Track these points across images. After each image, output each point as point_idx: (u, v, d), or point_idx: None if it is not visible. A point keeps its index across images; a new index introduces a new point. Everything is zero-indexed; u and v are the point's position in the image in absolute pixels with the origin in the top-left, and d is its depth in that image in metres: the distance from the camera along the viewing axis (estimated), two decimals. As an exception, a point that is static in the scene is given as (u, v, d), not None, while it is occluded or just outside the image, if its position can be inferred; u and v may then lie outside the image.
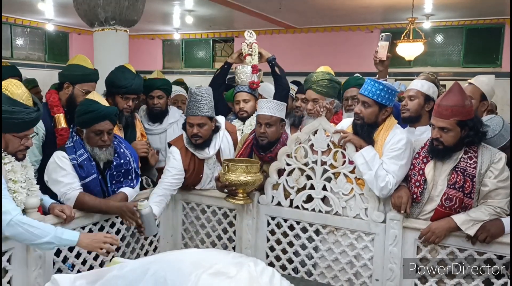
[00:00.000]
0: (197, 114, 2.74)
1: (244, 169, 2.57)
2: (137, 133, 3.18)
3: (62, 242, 2.03)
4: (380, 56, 2.83)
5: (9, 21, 9.20)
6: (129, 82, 3.00)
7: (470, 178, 2.26)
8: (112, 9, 4.39)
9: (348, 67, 8.03)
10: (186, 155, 2.86)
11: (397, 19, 8.41)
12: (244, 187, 2.62)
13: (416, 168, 2.42)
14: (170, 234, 3.08)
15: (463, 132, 2.26)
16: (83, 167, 2.48)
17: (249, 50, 3.42)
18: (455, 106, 2.24)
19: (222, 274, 1.71)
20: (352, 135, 2.51)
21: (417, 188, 2.39)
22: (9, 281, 2.10)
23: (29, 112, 2.05)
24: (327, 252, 2.64)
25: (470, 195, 2.26)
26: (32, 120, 2.09)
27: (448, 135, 2.28)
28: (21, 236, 1.94)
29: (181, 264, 1.74)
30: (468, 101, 2.27)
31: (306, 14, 8.14)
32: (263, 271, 1.83)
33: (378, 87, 2.42)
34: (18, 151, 2.10)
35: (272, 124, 2.73)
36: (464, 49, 8.64)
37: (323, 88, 2.95)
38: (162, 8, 7.91)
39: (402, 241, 2.42)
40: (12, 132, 2.04)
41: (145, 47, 11.28)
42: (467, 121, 2.25)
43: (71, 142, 2.51)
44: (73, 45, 10.59)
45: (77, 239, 2.04)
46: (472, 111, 2.29)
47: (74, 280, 1.79)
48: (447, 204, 2.28)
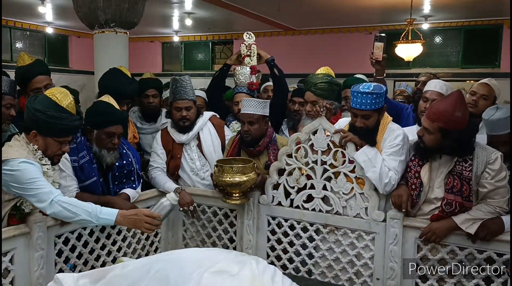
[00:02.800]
0: (185, 98, 2.95)
1: (239, 169, 2.60)
2: (129, 135, 3.18)
3: (100, 220, 2.08)
4: (376, 57, 2.86)
5: (8, 25, 9.23)
6: (125, 88, 3.02)
7: (466, 182, 2.26)
8: (112, 11, 4.43)
9: (347, 68, 8.03)
10: (166, 137, 3.05)
11: (395, 21, 8.44)
12: (240, 187, 2.64)
13: (412, 170, 2.42)
14: (171, 234, 3.09)
15: (444, 140, 2.25)
16: (84, 169, 2.48)
17: (248, 51, 3.43)
18: (443, 113, 2.23)
19: (224, 272, 1.72)
20: (353, 135, 2.52)
21: (413, 191, 2.39)
22: (12, 282, 2.11)
23: (73, 120, 2.18)
24: (327, 251, 2.64)
25: (469, 198, 2.27)
26: (75, 127, 2.24)
27: (428, 137, 2.29)
28: (61, 214, 2.05)
29: (183, 263, 1.75)
30: (459, 113, 2.22)
31: (305, 16, 8.17)
32: (265, 269, 1.84)
33: (371, 97, 2.41)
34: (55, 156, 2.21)
35: (254, 122, 2.80)
36: (463, 50, 8.68)
37: (322, 91, 2.95)
38: (162, 10, 7.94)
39: (403, 240, 2.43)
40: (54, 136, 2.16)
41: (145, 49, 11.31)
42: (451, 131, 2.23)
43: (73, 143, 2.51)
44: (72, 48, 10.62)
45: (114, 219, 2.08)
46: (461, 123, 2.23)
47: (77, 279, 1.80)
48: (448, 209, 2.29)
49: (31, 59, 2.87)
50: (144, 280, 1.67)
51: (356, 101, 2.45)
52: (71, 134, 2.24)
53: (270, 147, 2.86)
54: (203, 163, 3.04)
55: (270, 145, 2.87)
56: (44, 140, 2.15)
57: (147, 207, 2.83)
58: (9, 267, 2.10)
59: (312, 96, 2.97)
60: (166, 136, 3.07)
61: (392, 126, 2.54)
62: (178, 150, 3.03)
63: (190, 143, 3.05)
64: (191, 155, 3.04)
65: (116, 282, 1.72)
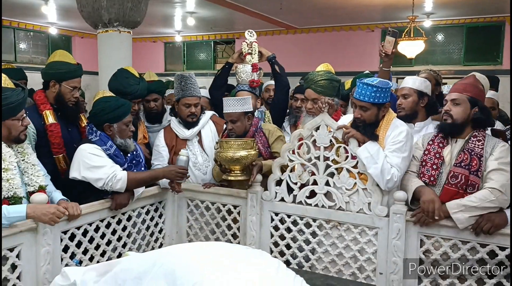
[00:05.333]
0: (194, 95, 3.04)
1: (239, 145, 2.68)
2: (139, 135, 3.23)
3: (11, 220, 2.07)
4: (386, 50, 2.96)
5: (12, 25, 9.29)
6: (135, 88, 3.05)
7: (477, 157, 2.32)
8: (115, 10, 4.46)
9: (349, 66, 8.07)
10: (169, 134, 3.10)
11: (397, 18, 8.44)
12: (240, 163, 2.70)
13: (432, 152, 2.47)
14: (175, 231, 3.11)
15: (472, 110, 2.38)
16: (118, 156, 2.57)
17: (249, 49, 3.45)
18: (469, 84, 2.45)
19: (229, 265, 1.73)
20: (355, 131, 2.53)
21: (434, 171, 2.43)
22: (19, 277, 2.14)
23: (17, 93, 2.18)
24: (330, 246, 2.66)
25: (477, 173, 2.31)
26: (24, 99, 2.22)
27: (456, 109, 2.40)
28: None
29: (189, 257, 1.77)
30: (481, 86, 2.49)
31: (306, 14, 8.18)
32: (269, 262, 1.85)
33: (372, 90, 2.43)
34: (20, 133, 2.23)
35: (236, 120, 2.88)
36: (465, 47, 8.67)
37: (323, 88, 2.92)
38: (164, 10, 7.97)
39: (406, 234, 2.45)
40: (9, 117, 2.17)
41: (147, 50, 11.35)
42: (478, 101, 2.39)
43: (95, 136, 2.56)
44: (76, 48, 10.66)
45: (24, 215, 2.08)
46: (483, 96, 2.48)
47: (84, 272, 1.81)
48: (453, 181, 2.34)
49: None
50: (150, 273, 1.68)
51: (358, 92, 2.49)
52: (23, 107, 2.24)
53: (257, 135, 2.95)
54: (204, 158, 3.08)
55: (256, 133, 2.95)
56: (3, 125, 2.17)
57: (151, 204, 2.95)
58: (16, 262, 2.12)
59: (313, 93, 2.95)
60: (170, 133, 3.11)
61: (396, 122, 2.56)
62: (182, 145, 3.06)
63: (193, 139, 3.10)
64: (194, 151, 3.08)
65: (122, 275, 1.74)
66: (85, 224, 2.46)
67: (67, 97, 2.75)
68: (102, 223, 2.58)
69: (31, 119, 2.60)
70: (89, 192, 2.55)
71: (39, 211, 2.11)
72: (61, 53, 2.89)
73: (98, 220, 2.55)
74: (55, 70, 2.78)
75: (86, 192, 2.55)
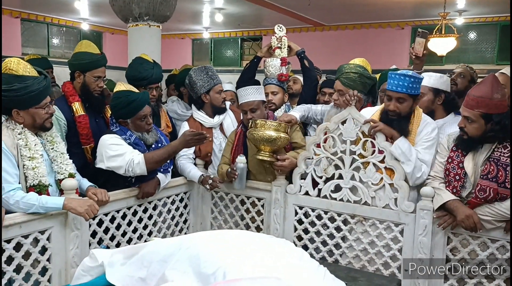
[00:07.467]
0: (221, 82, 3.17)
1: (274, 126, 2.69)
2: (162, 124, 3.24)
3: (48, 209, 2.12)
4: (416, 52, 2.91)
5: (46, 21, 9.56)
6: (149, 73, 3.06)
7: (503, 168, 2.20)
8: (146, 5, 4.54)
9: (379, 64, 7.89)
10: (194, 124, 3.10)
11: (428, 15, 8.26)
12: (271, 143, 2.69)
13: (455, 161, 2.34)
14: (200, 222, 3.15)
15: (487, 126, 2.20)
16: (138, 144, 2.61)
17: (279, 44, 3.45)
18: (481, 97, 2.19)
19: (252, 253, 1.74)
20: (383, 125, 2.49)
21: (457, 182, 2.32)
22: (49, 259, 2.21)
23: (39, 81, 2.17)
24: (355, 242, 2.64)
25: (505, 184, 2.20)
26: (46, 87, 2.20)
27: (471, 126, 2.24)
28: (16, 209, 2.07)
29: (214, 242, 1.79)
30: (498, 95, 2.18)
31: (335, 10, 8.11)
32: (293, 251, 1.86)
33: (409, 81, 2.38)
34: (45, 121, 2.23)
35: (256, 108, 2.87)
36: (498, 46, 8.42)
37: (350, 81, 2.84)
38: (192, 6, 8.04)
39: (432, 231, 2.40)
40: (34, 105, 2.17)
41: (175, 46, 11.48)
42: (493, 115, 2.18)
43: (116, 127, 2.61)
44: (106, 44, 10.88)
45: (61, 207, 2.13)
46: (502, 105, 2.19)
47: (111, 254, 1.86)
48: (481, 195, 2.23)
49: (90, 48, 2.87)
50: (175, 256, 1.71)
51: (392, 83, 2.42)
52: (47, 94, 2.22)
53: None
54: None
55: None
56: (26, 113, 2.17)
57: (176, 194, 2.99)
58: (46, 244, 2.19)
59: (339, 85, 2.89)
60: (194, 123, 3.13)
61: (426, 119, 2.52)
62: (208, 133, 3.06)
63: (217, 127, 3.16)
64: (218, 138, 3.15)
65: (149, 257, 1.77)
66: (113, 211, 2.52)
67: (92, 87, 2.79)
68: (129, 211, 2.63)
69: (62, 110, 2.68)
70: (115, 180, 2.59)
71: (76, 203, 2.16)
72: (86, 43, 2.91)
73: (125, 208, 2.61)
74: (78, 60, 2.82)
75: (113, 180, 2.60)
